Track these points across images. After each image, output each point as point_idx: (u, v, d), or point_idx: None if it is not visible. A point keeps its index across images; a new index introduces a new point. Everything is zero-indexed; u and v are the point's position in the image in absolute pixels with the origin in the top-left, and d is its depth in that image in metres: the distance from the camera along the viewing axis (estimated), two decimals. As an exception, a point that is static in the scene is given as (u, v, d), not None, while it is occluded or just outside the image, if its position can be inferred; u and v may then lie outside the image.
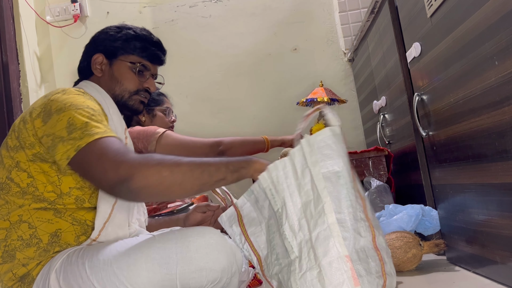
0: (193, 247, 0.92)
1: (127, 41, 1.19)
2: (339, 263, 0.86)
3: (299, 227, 0.93)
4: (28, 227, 0.97)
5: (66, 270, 0.92)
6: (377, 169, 1.79)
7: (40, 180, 0.98)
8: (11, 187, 0.99)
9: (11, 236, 0.97)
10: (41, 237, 0.97)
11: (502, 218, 0.98)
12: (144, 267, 0.90)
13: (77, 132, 0.92)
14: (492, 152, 0.98)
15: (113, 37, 1.19)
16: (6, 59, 2.40)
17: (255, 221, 1.02)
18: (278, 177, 0.98)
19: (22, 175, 0.98)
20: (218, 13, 2.65)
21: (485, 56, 0.95)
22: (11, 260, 0.96)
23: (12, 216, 0.98)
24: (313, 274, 0.88)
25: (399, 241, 1.28)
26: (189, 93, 2.58)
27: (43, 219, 0.97)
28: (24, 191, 0.98)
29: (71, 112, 0.96)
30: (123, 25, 1.24)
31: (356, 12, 2.55)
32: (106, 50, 1.19)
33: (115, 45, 1.18)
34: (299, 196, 0.95)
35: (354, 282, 0.85)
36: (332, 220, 0.89)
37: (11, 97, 2.38)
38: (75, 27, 2.70)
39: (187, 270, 0.91)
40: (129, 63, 1.18)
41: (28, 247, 0.96)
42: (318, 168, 0.94)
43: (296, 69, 2.58)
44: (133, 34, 1.20)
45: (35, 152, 0.98)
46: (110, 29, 1.23)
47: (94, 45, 1.22)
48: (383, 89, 1.87)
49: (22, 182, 0.98)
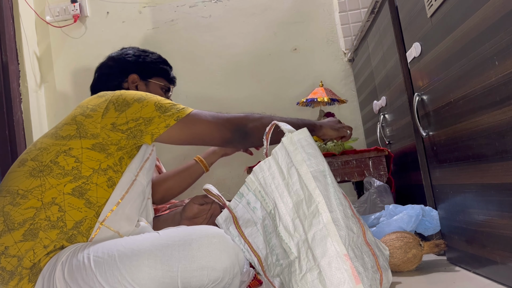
0: (196, 245, 0.93)
1: (157, 65, 1.51)
2: (339, 263, 0.86)
3: (294, 228, 0.93)
4: (58, 209, 1.01)
5: (71, 263, 0.93)
6: (377, 169, 1.79)
7: (86, 165, 1.05)
8: (53, 169, 1.04)
9: (40, 215, 1.00)
10: (67, 222, 1.01)
11: (502, 218, 0.98)
12: (146, 263, 0.91)
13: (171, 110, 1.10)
14: (492, 152, 0.98)
15: (144, 60, 1.48)
16: (6, 59, 2.40)
17: (250, 222, 1.02)
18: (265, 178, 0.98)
19: (69, 160, 1.05)
20: (218, 13, 2.65)
21: (485, 56, 0.95)
22: (32, 239, 0.98)
23: (46, 197, 1.02)
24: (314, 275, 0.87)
25: (399, 241, 1.28)
26: (189, 93, 2.58)
27: (74, 206, 1.02)
28: (66, 172, 1.04)
29: (154, 98, 1.12)
30: (142, 49, 1.54)
31: (356, 12, 2.55)
32: (139, 71, 1.46)
33: (148, 68, 1.48)
34: (289, 196, 0.95)
35: (355, 280, 0.85)
36: (328, 220, 0.89)
37: (11, 97, 2.38)
38: (75, 27, 2.70)
39: (188, 268, 0.91)
40: (161, 84, 1.51)
41: (53, 228, 1.00)
42: (305, 167, 0.93)
43: (296, 69, 2.58)
44: (159, 59, 1.52)
45: (95, 142, 1.06)
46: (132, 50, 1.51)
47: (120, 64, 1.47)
48: (383, 89, 1.87)
49: (68, 165, 1.05)
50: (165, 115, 1.09)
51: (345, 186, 2.47)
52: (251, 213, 1.02)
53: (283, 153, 0.97)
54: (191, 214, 1.37)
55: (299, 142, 0.96)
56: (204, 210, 1.37)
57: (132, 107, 1.09)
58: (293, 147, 0.96)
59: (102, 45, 2.66)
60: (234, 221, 1.04)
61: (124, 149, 1.09)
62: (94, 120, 1.08)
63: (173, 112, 1.10)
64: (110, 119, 1.08)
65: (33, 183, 1.03)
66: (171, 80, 1.56)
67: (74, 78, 2.68)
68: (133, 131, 1.07)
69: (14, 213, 1.01)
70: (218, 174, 2.51)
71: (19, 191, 1.03)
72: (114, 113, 1.08)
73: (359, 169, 1.79)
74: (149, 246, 0.94)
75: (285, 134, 0.98)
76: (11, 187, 1.05)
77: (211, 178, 2.48)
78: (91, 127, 1.08)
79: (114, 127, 1.07)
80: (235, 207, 1.05)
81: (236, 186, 1.29)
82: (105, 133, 1.07)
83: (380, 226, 1.39)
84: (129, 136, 1.08)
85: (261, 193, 0.99)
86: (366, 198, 1.65)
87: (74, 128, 1.09)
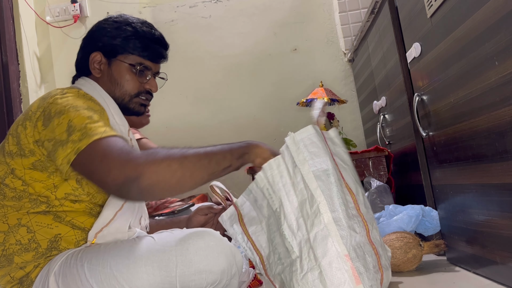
0: (193, 249, 0.91)
1: (126, 40, 1.10)
2: (339, 263, 0.86)
3: (298, 227, 0.93)
4: (27, 231, 0.95)
5: (65, 273, 0.91)
6: (377, 170, 1.79)
7: (35, 188, 0.96)
8: (6, 192, 0.97)
9: (9, 240, 0.95)
10: (40, 242, 0.95)
11: (502, 219, 0.98)
12: (144, 270, 0.89)
13: (77, 134, 0.90)
14: (492, 153, 0.98)
15: (111, 34, 1.11)
16: (6, 59, 2.40)
17: (255, 220, 1.02)
18: (273, 176, 0.98)
19: (16, 182, 0.97)
20: (218, 13, 2.65)
21: (485, 56, 0.95)
22: (8, 264, 0.95)
23: (10, 219, 0.96)
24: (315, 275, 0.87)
25: (399, 241, 1.28)
26: (189, 93, 2.58)
27: (42, 223, 0.96)
28: (20, 195, 0.96)
29: (70, 114, 0.93)
30: (122, 19, 1.14)
31: (356, 12, 2.55)
32: (105, 48, 1.10)
33: (114, 43, 1.10)
34: (295, 195, 0.95)
35: (355, 281, 0.85)
36: (329, 220, 0.89)
37: (11, 98, 2.38)
38: (75, 28, 2.70)
39: (186, 272, 0.90)
40: (128, 64, 1.10)
41: (26, 251, 0.95)
42: (307, 166, 0.93)
43: (296, 69, 2.58)
44: (132, 31, 1.11)
45: (35, 160, 0.96)
46: (108, 23, 1.14)
47: (91, 41, 1.13)
48: (383, 89, 1.87)
49: (16, 189, 0.97)
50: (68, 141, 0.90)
51: (345, 186, 2.47)
52: (258, 211, 1.02)
53: (287, 152, 0.97)
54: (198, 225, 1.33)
55: (302, 142, 0.96)
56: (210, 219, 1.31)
57: (51, 122, 0.94)
58: (295, 147, 0.96)
59: (102, 45, 2.66)
60: (239, 218, 1.04)
61: None
62: (27, 133, 0.96)
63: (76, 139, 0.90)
64: (39, 133, 0.95)
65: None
66: (150, 55, 1.13)
67: (74, 78, 2.68)
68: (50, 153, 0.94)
69: None
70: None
71: None
72: (41, 126, 0.95)
73: (359, 169, 1.79)
74: (145, 252, 0.91)
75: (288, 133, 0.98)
76: None
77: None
78: (25, 142, 0.96)
79: (41, 143, 0.95)
80: (242, 204, 1.05)
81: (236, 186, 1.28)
82: (39, 149, 0.95)
83: (380, 227, 1.39)
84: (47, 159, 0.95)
85: (269, 190, 0.99)
86: (366, 198, 1.65)
87: (15, 142, 0.98)
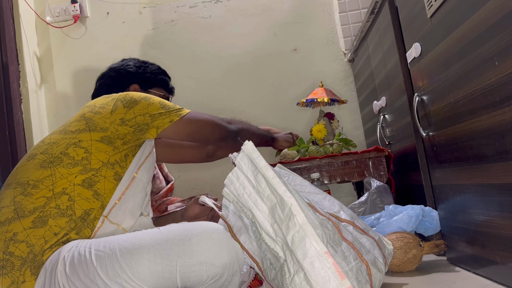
0: (195, 240, 0.93)
1: (157, 75, 1.59)
2: (321, 261, 0.86)
3: (275, 233, 0.93)
4: (68, 199, 1.05)
5: (73, 256, 0.94)
6: (377, 170, 1.79)
7: (96, 157, 1.10)
8: (63, 160, 1.09)
9: (50, 204, 1.04)
10: (76, 210, 1.04)
11: (502, 219, 0.98)
12: (146, 257, 0.91)
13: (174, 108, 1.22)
14: (492, 153, 0.98)
15: (144, 71, 1.57)
16: (6, 59, 2.40)
17: (242, 229, 1.02)
18: (237, 189, 0.98)
19: (79, 151, 1.11)
20: (218, 13, 2.65)
21: (485, 57, 0.95)
22: (42, 226, 1.00)
23: (57, 187, 1.06)
24: (301, 277, 0.87)
25: (399, 241, 1.28)
26: (189, 93, 2.58)
27: (83, 196, 1.06)
28: (76, 162, 1.09)
29: (158, 98, 1.23)
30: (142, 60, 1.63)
31: (356, 12, 2.55)
32: (140, 81, 1.54)
33: (148, 78, 1.56)
34: (263, 202, 0.95)
35: (340, 277, 0.85)
36: (303, 220, 0.89)
37: (11, 98, 2.38)
38: (75, 28, 2.70)
39: (187, 263, 0.92)
40: (161, 94, 1.59)
41: (62, 216, 1.03)
42: (271, 171, 0.94)
43: (296, 69, 2.58)
44: (158, 70, 1.62)
45: (104, 135, 1.13)
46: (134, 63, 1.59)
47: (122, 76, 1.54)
48: (383, 89, 1.87)
49: (78, 156, 1.10)
50: (169, 112, 1.20)
51: (345, 186, 2.47)
52: (241, 221, 1.02)
53: (245, 161, 0.98)
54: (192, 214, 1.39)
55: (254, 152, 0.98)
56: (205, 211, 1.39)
57: (140, 104, 1.19)
58: (256, 154, 0.96)
59: (102, 46, 2.66)
60: (229, 230, 1.04)
61: (129, 144, 1.16)
62: (103, 116, 1.16)
63: (177, 110, 1.22)
64: (119, 114, 1.16)
65: (44, 173, 1.07)
66: (170, 90, 1.66)
67: (74, 78, 2.68)
68: (140, 125, 1.16)
69: (25, 202, 1.04)
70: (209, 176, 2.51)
71: (30, 181, 1.07)
72: (122, 110, 1.17)
73: (359, 170, 1.79)
74: (150, 240, 0.95)
75: (244, 143, 0.99)
76: (21, 179, 1.08)
77: (203, 181, 2.48)
78: (100, 122, 1.15)
79: (122, 122, 1.15)
80: (226, 216, 1.05)
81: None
82: (114, 127, 1.15)
83: (380, 227, 1.39)
84: (135, 130, 1.16)
85: (238, 203, 0.99)
86: (366, 199, 1.65)
87: (84, 123, 1.16)
